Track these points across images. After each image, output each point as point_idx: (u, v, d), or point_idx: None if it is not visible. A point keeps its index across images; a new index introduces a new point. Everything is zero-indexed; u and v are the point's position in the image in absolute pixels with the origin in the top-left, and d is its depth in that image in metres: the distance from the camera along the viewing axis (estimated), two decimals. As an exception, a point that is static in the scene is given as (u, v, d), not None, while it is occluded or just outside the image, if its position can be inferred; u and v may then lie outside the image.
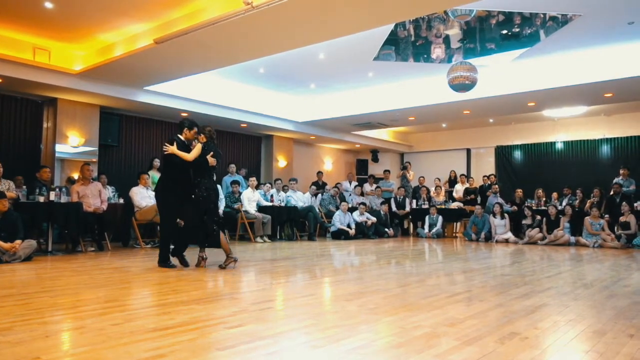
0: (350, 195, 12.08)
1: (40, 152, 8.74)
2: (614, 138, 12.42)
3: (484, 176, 12.46)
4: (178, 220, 7.43)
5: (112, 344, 2.27)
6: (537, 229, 9.55)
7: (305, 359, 2.18)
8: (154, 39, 6.50)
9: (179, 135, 5.15)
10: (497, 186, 11.21)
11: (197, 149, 4.93)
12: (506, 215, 10.06)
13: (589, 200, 9.90)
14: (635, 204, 9.12)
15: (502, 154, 14.21)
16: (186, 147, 5.08)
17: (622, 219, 8.96)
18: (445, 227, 11.24)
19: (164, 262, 5.13)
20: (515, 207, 10.62)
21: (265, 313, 3.07)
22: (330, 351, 2.24)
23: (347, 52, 8.06)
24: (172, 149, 4.91)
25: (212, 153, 4.97)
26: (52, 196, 6.43)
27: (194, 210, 5.03)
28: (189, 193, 5.08)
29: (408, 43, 7.94)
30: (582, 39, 7.52)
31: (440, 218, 10.99)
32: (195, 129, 5.17)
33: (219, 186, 9.19)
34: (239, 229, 9.22)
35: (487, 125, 14.00)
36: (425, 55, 8.42)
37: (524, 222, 9.93)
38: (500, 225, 9.92)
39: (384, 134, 14.57)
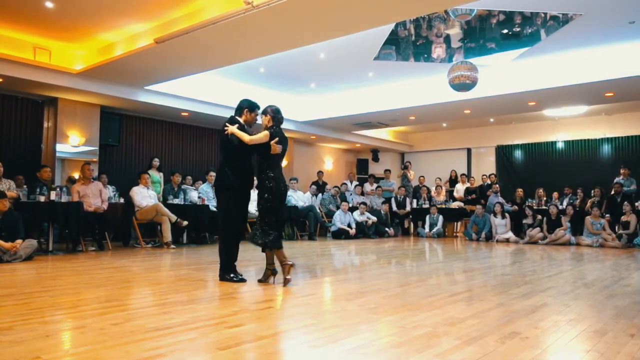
0: (350, 194, 12.08)
1: (41, 151, 8.75)
2: (615, 137, 12.41)
3: (483, 175, 12.48)
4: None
5: (113, 343, 2.27)
6: (537, 229, 9.54)
7: (305, 359, 2.18)
8: (155, 38, 6.51)
9: (237, 117, 4.32)
10: (497, 186, 11.21)
11: (263, 134, 4.06)
12: (507, 214, 10.05)
13: (589, 200, 9.89)
14: (636, 204, 9.11)
15: (503, 153, 14.20)
16: (244, 129, 4.22)
17: (623, 218, 8.96)
18: (445, 227, 11.24)
19: (229, 274, 4.19)
20: (515, 207, 10.61)
21: (265, 312, 3.07)
22: (330, 351, 2.24)
23: (347, 52, 8.06)
24: (232, 128, 4.09)
25: (277, 139, 4.07)
26: (53, 196, 6.44)
27: (260, 206, 4.18)
28: (249, 185, 4.31)
29: (408, 43, 7.94)
30: (582, 38, 7.52)
31: (440, 218, 10.98)
32: (257, 112, 4.37)
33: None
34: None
35: (488, 125, 14.00)
36: (425, 55, 8.41)
37: (524, 221, 9.93)
38: (500, 225, 9.92)
39: (384, 134, 14.56)
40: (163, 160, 9.86)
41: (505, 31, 7.45)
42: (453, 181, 13.09)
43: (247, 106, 4.33)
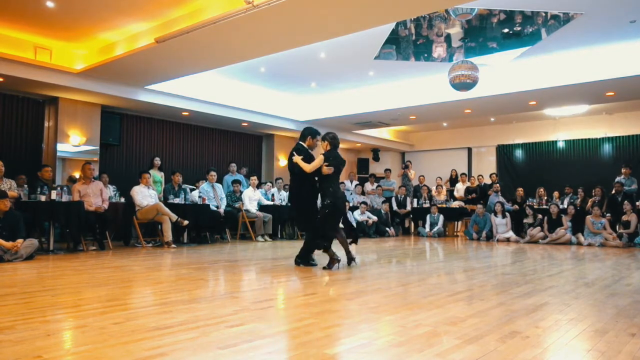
0: (351, 194, 12.08)
1: (42, 151, 8.75)
2: (616, 137, 12.41)
3: (479, 176, 12.50)
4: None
5: (114, 342, 2.27)
6: (538, 228, 9.54)
7: (306, 358, 2.18)
8: (155, 38, 6.51)
9: (302, 143, 5.28)
10: (498, 185, 11.21)
11: (318, 160, 4.98)
12: (507, 214, 10.05)
13: (590, 199, 9.88)
14: (637, 203, 9.11)
15: (504, 152, 14.20)
16: (308, 154, 5.21)
17: (623, 218, 8.95)
18: (446, 226, 11.24)
19: (305, 259, 5.31)
20: (516, 206, 10.61)
21: (266, 312, 3.07)
22: (331, 350, 2.24)
23: (348, 51, 8.06)
24: (297, 159, 5.04)
25: (326, 164, 4.96)
26: (54, 195, 6.44)
27: (322, 218, 5.05)
28: (314, 199, 5.22)
29: (409, 42, 7.93)
30: (583, 37, 7.51)
31: (441, 217, 10.98)
32: (318, 137, 5.31)
33: (219, 185, 9.22)
34: (240, 228, 9.23)
35: (488, 124, 13.99)
36: (426, 54, 8.41)
37: (525, 221, 9.93)
38: (501, 224, 9.91)
39: (385, 133, 14.56)
40: (163, 160, 9.87)
41: (505, 30, 7.44)
42: (453, 180, 13.10)
43: (309, 133, 5.33)
